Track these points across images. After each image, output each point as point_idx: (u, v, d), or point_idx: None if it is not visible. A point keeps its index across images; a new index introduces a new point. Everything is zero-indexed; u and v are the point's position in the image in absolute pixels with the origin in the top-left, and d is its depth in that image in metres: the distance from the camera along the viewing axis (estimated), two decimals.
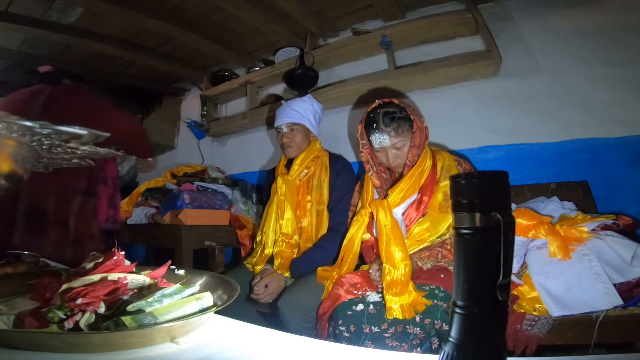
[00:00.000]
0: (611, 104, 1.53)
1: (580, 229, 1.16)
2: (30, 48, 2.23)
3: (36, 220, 1.38)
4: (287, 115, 1.51)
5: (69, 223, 1.43)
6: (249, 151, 2.59)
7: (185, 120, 2.79)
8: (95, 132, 0.55)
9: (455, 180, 0.34)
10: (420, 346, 0.95)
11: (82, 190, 1.51)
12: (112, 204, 1.64)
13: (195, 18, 2.06)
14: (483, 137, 1.76)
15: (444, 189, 1.16)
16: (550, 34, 1.68)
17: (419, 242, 1.13)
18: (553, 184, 1.53)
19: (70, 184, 1.47)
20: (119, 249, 0.63)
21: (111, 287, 0.52)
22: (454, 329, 0.33)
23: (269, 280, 1.28)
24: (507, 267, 0.31)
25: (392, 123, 1.16)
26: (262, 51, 2.47)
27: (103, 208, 1.60)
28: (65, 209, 1.45)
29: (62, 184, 1.44)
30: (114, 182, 1.66)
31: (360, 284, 1.09)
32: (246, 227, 1.99)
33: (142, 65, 2.54)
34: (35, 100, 1.43)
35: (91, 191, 1.55)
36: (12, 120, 0.46)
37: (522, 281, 1.14)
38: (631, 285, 1.05)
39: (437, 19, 1.81)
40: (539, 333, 1.02)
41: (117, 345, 0.44)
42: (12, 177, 0.53)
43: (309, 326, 1.15)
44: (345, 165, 1.52)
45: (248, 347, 0.49)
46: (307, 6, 1.98)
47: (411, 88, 1.92)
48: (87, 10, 1.90)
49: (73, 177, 1.48)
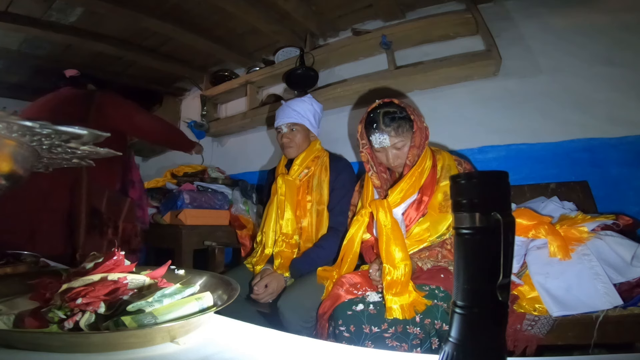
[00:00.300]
0: (611, 104, 1.53)
1: (580, 229, 1.16)
2: (30, 48, 2.24)
3: (94, 222, 1.47)
4: (286, 115, 1.52)
5: (118, 224, 1.55)
6: (249, 151, 2.59)
7: (185, 120, 2.79)
8: (95, 132, 0.55)
9: (455, 180, 0.34)
10: (420, 346, 0.95)
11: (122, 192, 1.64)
12: (141, 205, 1.78)
13: (195, 18, 2.06)
14: (483, 137, 1.76)
15: (444, 189, 1.16)
16: (551, 34, 1.68)
17: (419, 242, 1.13)
18: (553, 184, 1.53)
19: (115, 186, 1.60)
20: (146, 249, 0.64)
21: (111, 287, 0.52)
22: (454, 329, 0.33)
23: (269, 280, 1.28)
24: (507, 267, 0.31)
25: (392, 123, 1.16)
26: (262, 51, 2.47)
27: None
28: (116, 210, 1.57)
29: (112, 186, 1.58)
30: (140, 185, 1.78)
31: (360, 284, 1.09)
32: (246, 227, 1.99)
33: (142, 65, 2.54)
34: (83, 104, 1.52)
35: (126, 194, 1.68)
36: (12, 120, 0.45)
37: (522, 281, 1.14)
38: (631, 285, 1.05)
39: (437, 19, 1.81)
40: (539, 333, 1.02)
41: (117, 345, 0.44)
42: (12, 177, 0.53)
43: (309, 326, 1.15)
44: (346, 166, 1.52)
45: (248, 347, 0.49)
46: (307, 6, 1.98)
47: (411, 88, 1.92)
48: (87, 10, 1.90)
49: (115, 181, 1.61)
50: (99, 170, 1.45)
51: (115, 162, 1.57)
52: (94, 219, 1.46)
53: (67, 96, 1.56)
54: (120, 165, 1.66)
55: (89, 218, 1.44)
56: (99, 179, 1.49)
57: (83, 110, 1.49)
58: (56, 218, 1.40)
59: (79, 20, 2.00)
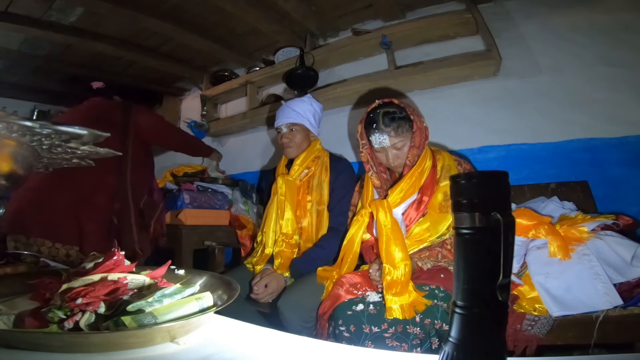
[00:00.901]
0: (611, 104, 1.53)
1: (580, 229, 1.16)
2: (30, 48, 2.24)
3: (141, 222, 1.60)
4: (286, 115, 1.52)
5: (151, 224, 1.66)
6: (249, 151, 2.59)
7: (185, 120, 2.79)
8: (95, 132, 0.55)
9: (455, 180, 0.34)
10: (420, 346, 0.95)
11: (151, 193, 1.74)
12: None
13: (195, 18, 2.06)
14: (483, 137, 1.76)
15: (444, 189, 1.16)
16: (551, 34, 1.68)
17: (419, 242, 1.13)
18: (553, 184, 1.53)
19: (149, 189, 1.71)
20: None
21: (111, 287, 0.52)
22: (454, 329, 0.33)
23: (269, 280, 1.28)
24: (507, 267, 0.31)
25: (392, 123, 1.16)
26: (262, 51, 2.47)
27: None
28: (151, 211, 1.68)
29: (148, 189, 1.69)
30: (159, 190, 1.88)
31: (360, 284, 1.09)
32: (246, 227, 1.99)
33: (142, 65, 2.54)
34: (123, 113, 1.65)
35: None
36: (12, 120, 0.45)
37: (522, 281, 1.14)
38: (631, 285, 1.05)
39: (437, 19, 1.81)
40: (539, 333, 1.02)
41: (117, 345, 0.44)
42: (12, 177, 0.53)
43: (309, 326, 1.15)
44: (346, 166, 1.52)
45: (248, 347, 0.49)
46: (307, 6, 1.98)
47: (411, 88, 1.92)
48: (87, 10, 1.90)
49: (149, 184, 1.74)
50: (138, 173, 1.61)
51: (148, 167, 1.75)
52: (141, 219, 1.59)
53: (107, 106, 1.69)
54: (150, 171, 1.78)
55: (137, 218, 1.56)
56: (139, 181, 1.61)
57: (123, 119, 1.63)
58: (101, 216, 1.48)
59: (79, 20, 2.00)
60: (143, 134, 1.66)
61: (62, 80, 2.59)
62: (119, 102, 1.76)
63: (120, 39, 2.23)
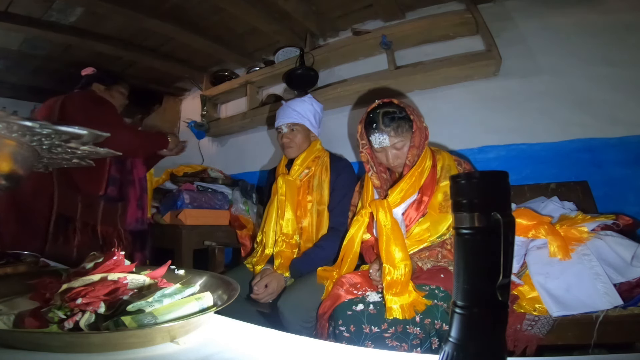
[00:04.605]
0: (611, 104, 1.53)
1: (580, 229, 1.16)
2: (30, 48, 2.24)
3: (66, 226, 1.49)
4: (287, 115, 1.52)
5: (96, 228, 1.55)
6: (249, 151, 2.59)
7: (185, 120, 2.79)
8: (94, 132, 0.55)
9: (455, 180, 0.34)
10: (420, 346, 0.95)
11: (109, 195, 1.61)
12: (140, 205, 1.73)
13: (195, 18, 2.06)
14: (483, 137, 1.76)
15: (444, 189, 1.16)
16: (551, 34, 1.68)
17: (419, 242, 1.13)
18: (553, 184, 1.53)
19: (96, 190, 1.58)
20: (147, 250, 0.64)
21: (111, 287, 0.52)
22: (454, 329, 0.33)
23: (269, 280, 1.28)
24: (507, 267, 0.31)
25: (391, 123, 1.16)
26: (262, 51, 2.47)
27: (132, 210, 1.69)
28: (92, 214, 1.56)
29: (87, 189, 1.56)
30: (141, 184, 1.74)
31: (360, 284, 1.09)
32: (246, 227, 1.99)
33: (142, 65, 2.55)
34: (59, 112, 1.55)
35: (121, 195, 1.65)
36: (12, 120, 0.46)
37: (522, 281, 1.14)
38: (631, 285, 1.05)
39: (437, 19, 1.81)
40: (539, 333, 1.02)
41: (117, 345, 0.44)
42: (12, 177, 0.53)
43: (309, 326, 1.14)
44: (346, 166, 1.52)
45: (248, 347, 0.49)
46: (307, 6, 1.98)
47: (411, 88, 1.92)
48: (87, 10, 1.91)
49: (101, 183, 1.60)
50: (75, 174, 1.50)
51: (99, 165, 1.54)
52: (61, 225, 1.48)
53: (53, 104, 1.59)
54: (107, 168, 1.62)
55: (55, 224, 1.47)
56: (72, 183, 1.51)
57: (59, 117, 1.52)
58: (37, 221, 1.44)
59: (79, 20, 2.00)
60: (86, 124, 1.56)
61: (62, 80, 2.59)
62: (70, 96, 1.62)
63: (120, 39, 2.23)
